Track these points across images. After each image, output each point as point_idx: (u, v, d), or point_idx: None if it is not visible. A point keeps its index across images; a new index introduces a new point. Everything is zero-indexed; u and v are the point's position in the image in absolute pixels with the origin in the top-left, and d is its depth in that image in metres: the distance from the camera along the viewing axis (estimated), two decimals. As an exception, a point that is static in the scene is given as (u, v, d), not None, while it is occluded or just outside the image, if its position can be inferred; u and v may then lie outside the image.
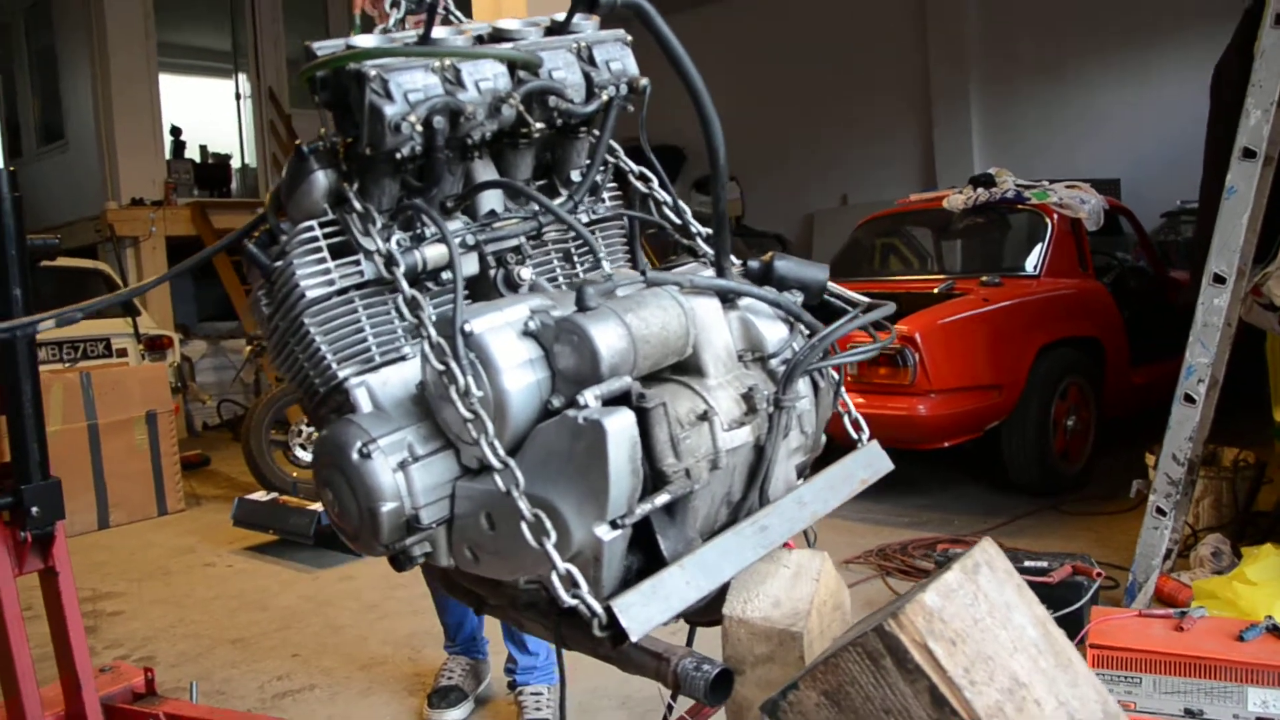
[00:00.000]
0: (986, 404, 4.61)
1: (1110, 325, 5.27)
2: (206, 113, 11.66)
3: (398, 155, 1.17)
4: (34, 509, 2.19)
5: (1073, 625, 2.62)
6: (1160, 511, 3.15)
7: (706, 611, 1.31)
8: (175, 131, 10.79)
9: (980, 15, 10.05)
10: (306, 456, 6.17)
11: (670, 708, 1.68)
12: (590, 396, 1.05)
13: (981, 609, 1.04)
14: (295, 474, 5.97)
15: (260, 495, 5.10)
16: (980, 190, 5.60)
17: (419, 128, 1.15)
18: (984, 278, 5.04)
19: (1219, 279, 2.95)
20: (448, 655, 3.04)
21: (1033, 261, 5.27)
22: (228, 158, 11.61)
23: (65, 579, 2.32)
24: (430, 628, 3.36)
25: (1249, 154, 2.86)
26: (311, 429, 6.20)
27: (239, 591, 4.30)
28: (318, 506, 4.68)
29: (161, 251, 9.42)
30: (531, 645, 2.83)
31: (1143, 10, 8.89)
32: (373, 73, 1.13)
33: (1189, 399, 3.05)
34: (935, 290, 4.94)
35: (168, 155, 10.45)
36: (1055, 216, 5.31)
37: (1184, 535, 3.46)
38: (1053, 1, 9.42)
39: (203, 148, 11.48)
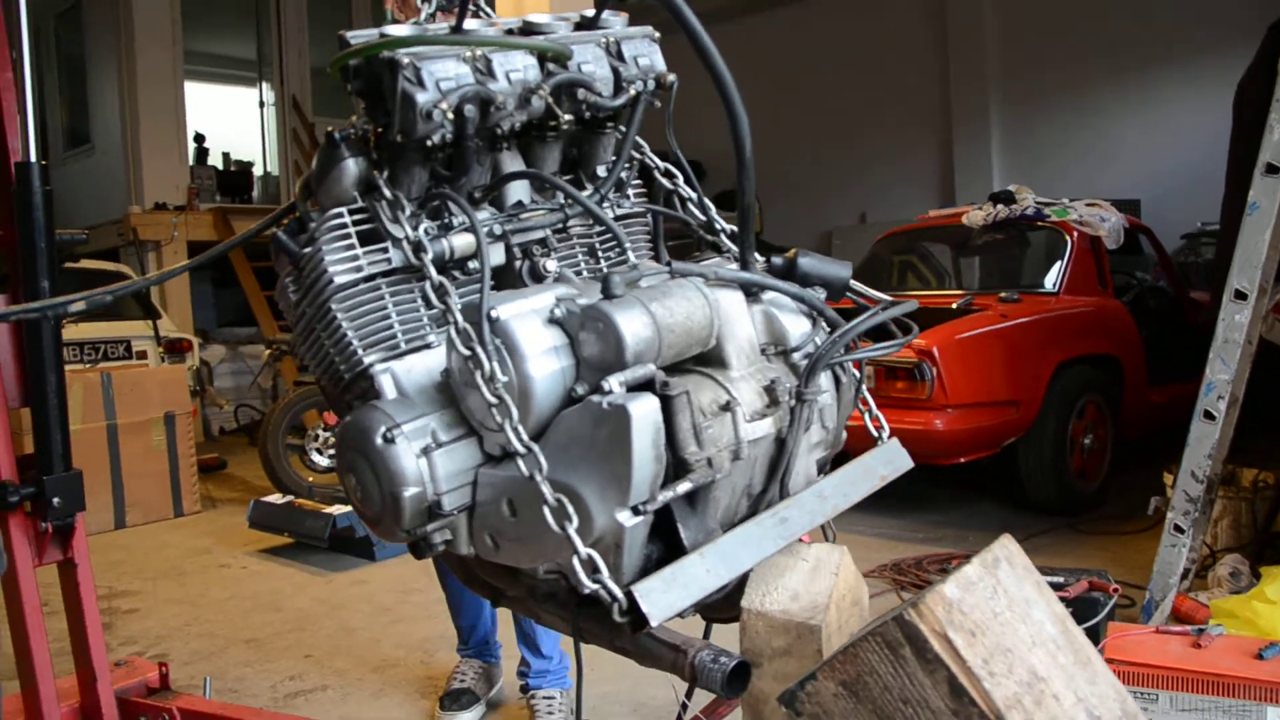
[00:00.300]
0: (1003, 420, 4.59)
1: (1129, 344, 5.25)
2: (230, 120, 11.78)
3: (428, 143, 1.19)
4: (55, 500, 2.21)
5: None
6: (1178, 529, 3.13)
7: (724, 608, 1.31)
8: (199, 138, 10.91)
9: (1001, 35, 10.06)
10: (323, 461, 6.19)
11: (684, 706, 1.68)
12: (615, 382, 1.06)
13: (1001, 603, 1.04)
14: (311, 478, 6.00)
15: (276, 498, 5.13)
16: (1000, 207, 5.59)
17: (450, 115, 1.16)
18: (1002, 294, 5.03)
19: (1240, 295, 2.94)
20: (460, 658, 3.04)
21: (1052, 278, 5.26)
22: (250, 165, 11.72)
23: (84, 571, 2.33)
24: (444, 632, 3.36)
25: (1272, 169, 2.85)
26: (328, 433, 6.23)
27: (253, 593, 4.32)
28: (333, 510, 4.71)
29: (183, 256, 9.50)
30: (545, 649, 2.83)
31: (1158, 36, 8.90)
32: (406, 60, 1.15)
33: (1208, 415, 3.03)
34: (954, 306, 4.93)
35: (191, 161, 10.56)
36: (1075, 234, 5.30)
37: (1202, 556, 3.43)
38: (1072, 25, 9.42)
39: (225, 155, 11.59)
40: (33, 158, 2.16)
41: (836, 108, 11.00)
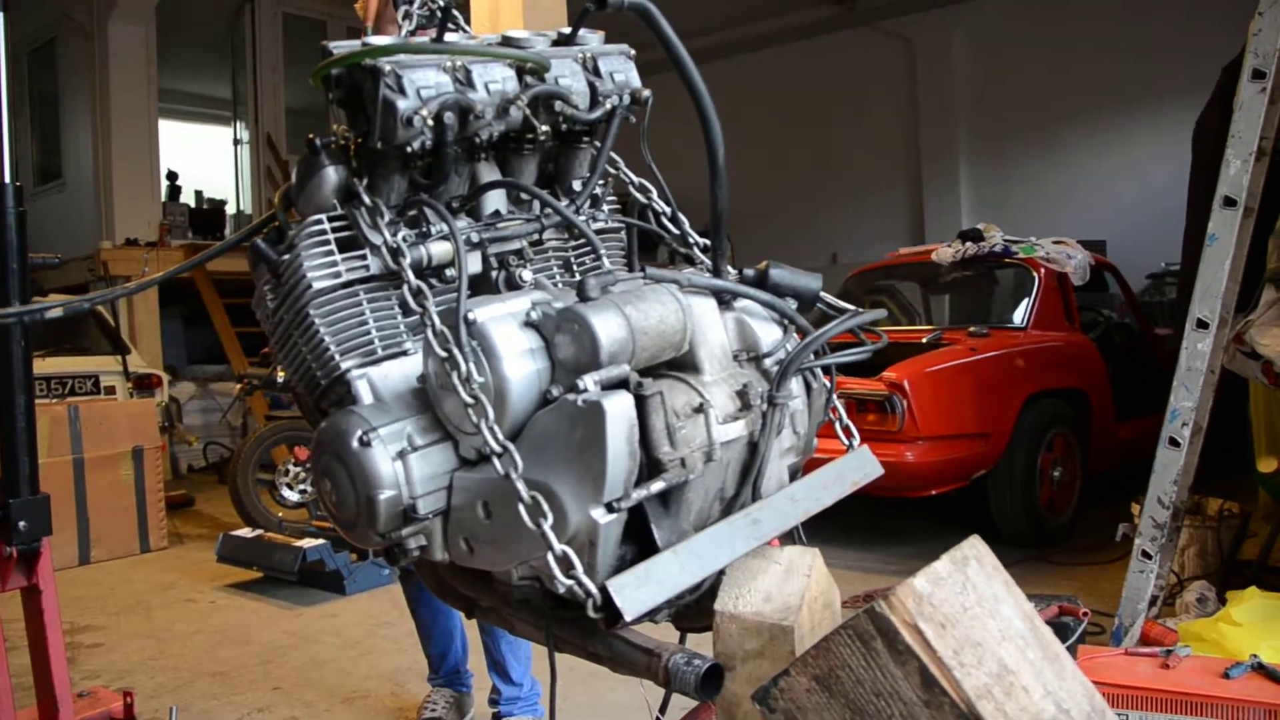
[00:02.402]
0: (974, 452, 4.63)
1: (1096, 378, 5.32)
2: (204, 158, 11.76)
3: (408, 150, 1.21)
4: (21, 523, 2.19)
5: (1059, 664, 2.61)
6: (1146, 555, 3.16)
7: (696, 617, 1.32)
8: (171, 176, 10.86)
9: (970, 77, 10.28)
10: (293, 496, 6.13)
11: (658, 721, 1.68)
12: (590, 381, 1.07)
13: (970, 598, 1.06)
14: (281, 514, 5.93)
15: (245, 532, 5.06)
16: (969, 244, 5.68)
17: (430, 122, 1.19)
18: (972, 328, 5.10)
19: (1202, 324, 3.00)
20: (431, 688, 3.01)
21: (1020, 314, 5.34)
22: (223, 203, 11.67)
23: (49, 597, 2.30)
24: (414, 663, 3.33)
25: (1229, 202, 2.93)
26: (298, 469, 6.18)
27: (220, 626, 4.25)
28: (303, 543, 4.65)
29: (153, 292, 9.41)
30: (515, 676, 2.81)
31: (1123, 79, 9.11)
32: (387, 68, 1.17)
33: (1174, 442, 3.08)
34: (924, 340, 4.99)
35: (163, 198, 10.50)
36: (1042, 270, 5.39)
37: (1169, 584, 3.47)
38: (1039, 68, 9.64)
39: (198, 193, 11.55)
40: (8, 179, 2.16)
41: (807, 149, 11.16)
